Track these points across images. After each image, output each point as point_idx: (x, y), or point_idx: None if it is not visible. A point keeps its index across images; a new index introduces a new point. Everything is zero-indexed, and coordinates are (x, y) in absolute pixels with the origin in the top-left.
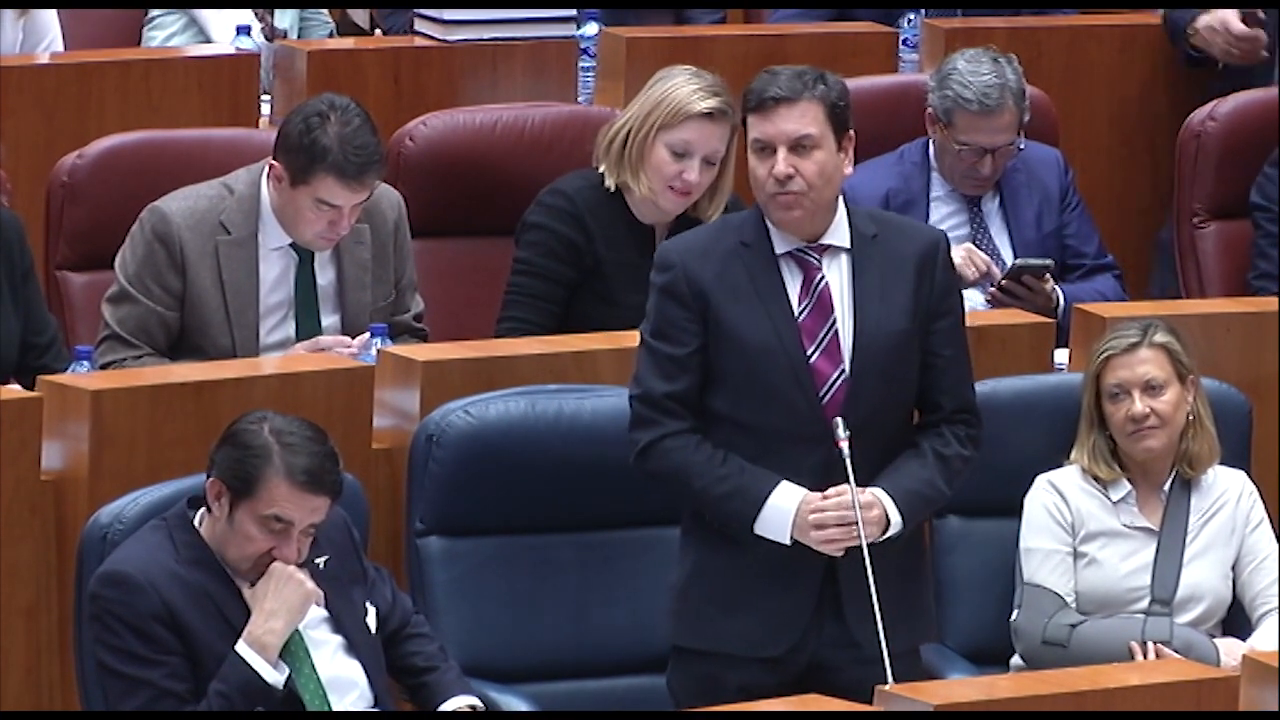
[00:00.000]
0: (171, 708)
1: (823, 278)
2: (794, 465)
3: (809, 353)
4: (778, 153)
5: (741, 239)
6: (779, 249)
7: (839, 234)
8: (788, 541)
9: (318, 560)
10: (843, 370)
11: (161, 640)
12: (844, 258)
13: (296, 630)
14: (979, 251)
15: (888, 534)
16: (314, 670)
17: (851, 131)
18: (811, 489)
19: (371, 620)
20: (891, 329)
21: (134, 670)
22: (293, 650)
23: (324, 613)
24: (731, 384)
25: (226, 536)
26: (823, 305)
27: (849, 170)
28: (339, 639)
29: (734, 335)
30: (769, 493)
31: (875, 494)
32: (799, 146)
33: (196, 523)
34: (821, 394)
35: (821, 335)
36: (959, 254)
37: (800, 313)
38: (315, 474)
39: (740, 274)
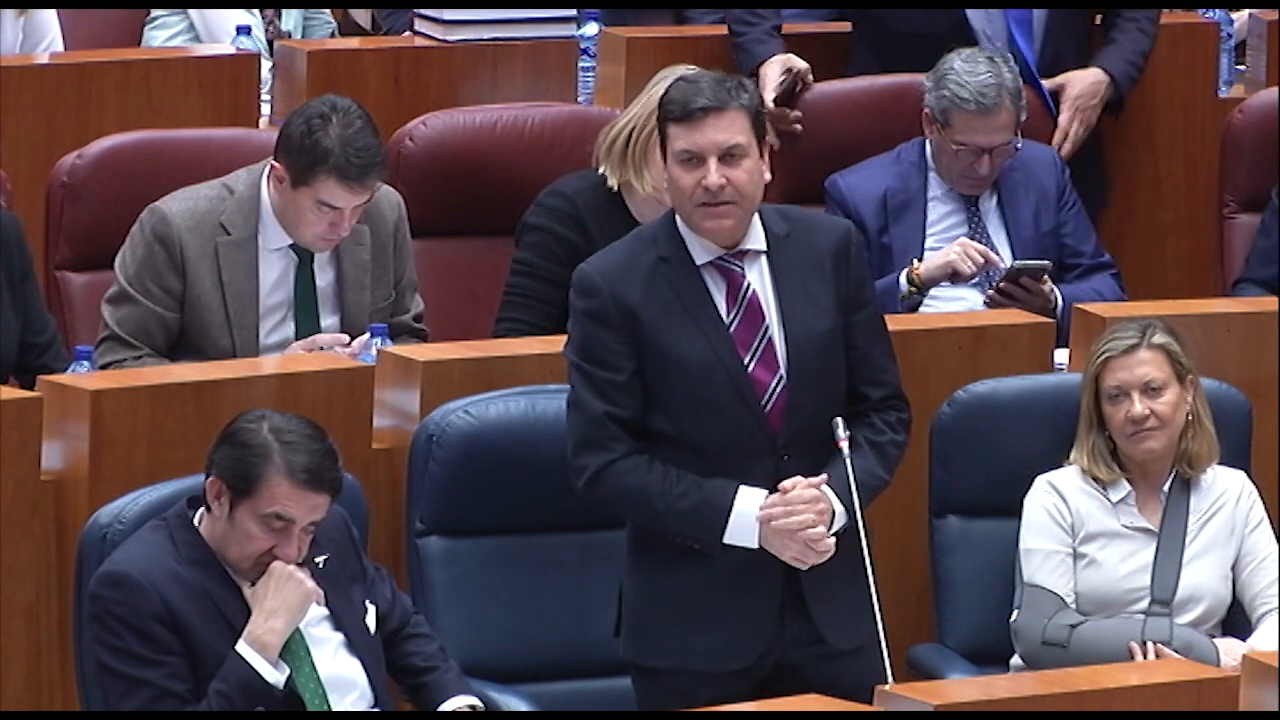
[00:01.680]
0: (172, 708)
1: (749, 285)
2: (742, 478)
3: (746, 363)
4: (708, 163)
5: (659, 253)
6: (699, 259)
7: (755, 238)
8: (755, 546)
9: (317, 559)
10: (781, 377)
11: (162, 640)
12: (763, 260)
13: (297, 629)
14: (973, 243)
15: (834, 527)
16: (314, 670)
17: (769, 138)
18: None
19: (371, 619)
20: (821, 329)
21: (134, 670)
22: (293, 649)
23: (324, 611)
24: (672, 403)
25: (227, 536)
26: (753, 313)
27: (769, 176)
28: (339, 638)
29: (669, 354)
30: (731, 502)
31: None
32: (729, 156)
33: (196, 522)
34: (763, 403)
35: (755, 344)
36: (954, 251)
37: (731, 323)
38: (315, 472)
39: (665, 290)
